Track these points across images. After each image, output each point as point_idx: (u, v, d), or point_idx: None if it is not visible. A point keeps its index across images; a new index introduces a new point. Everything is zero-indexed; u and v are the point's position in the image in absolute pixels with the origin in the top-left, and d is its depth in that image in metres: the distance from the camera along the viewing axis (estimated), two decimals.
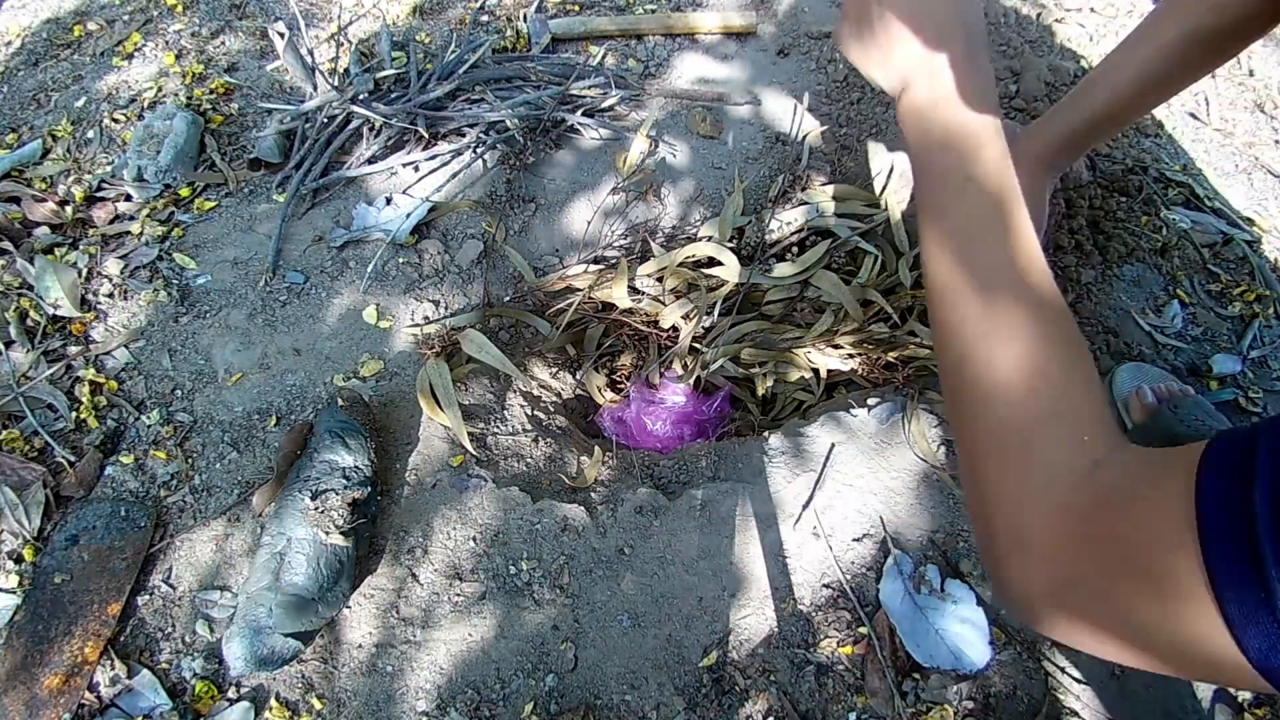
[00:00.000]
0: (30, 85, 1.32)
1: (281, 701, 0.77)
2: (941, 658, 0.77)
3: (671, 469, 0.93)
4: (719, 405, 1.15)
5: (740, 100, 1.21)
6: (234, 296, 1.02)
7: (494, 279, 1.06)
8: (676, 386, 1.14)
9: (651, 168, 1.15)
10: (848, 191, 1.12)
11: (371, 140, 1.14)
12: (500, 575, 0.82)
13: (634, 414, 1.14)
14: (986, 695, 0.76)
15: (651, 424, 1.13)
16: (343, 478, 0.80)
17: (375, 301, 1.01)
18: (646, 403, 1.14)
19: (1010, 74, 1.19)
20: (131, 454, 0.90)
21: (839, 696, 0.77)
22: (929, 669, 0.77)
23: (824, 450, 0.90)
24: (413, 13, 1.38)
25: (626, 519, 0.85)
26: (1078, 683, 0.77)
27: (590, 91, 1.21)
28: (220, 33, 1.37)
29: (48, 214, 1.10)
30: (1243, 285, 1.04)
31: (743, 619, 0.80)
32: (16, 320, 1.00)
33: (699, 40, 1.32)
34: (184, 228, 1.09)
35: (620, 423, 1.14)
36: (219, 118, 1.23)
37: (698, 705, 0.76)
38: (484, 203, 1.11)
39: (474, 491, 0.86)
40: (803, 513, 0.85)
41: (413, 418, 0.92)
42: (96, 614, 0.80)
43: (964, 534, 0.85)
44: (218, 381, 0.95)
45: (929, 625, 0.79)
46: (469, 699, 0.77)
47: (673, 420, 1.13)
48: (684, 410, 1.13)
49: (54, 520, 0.86)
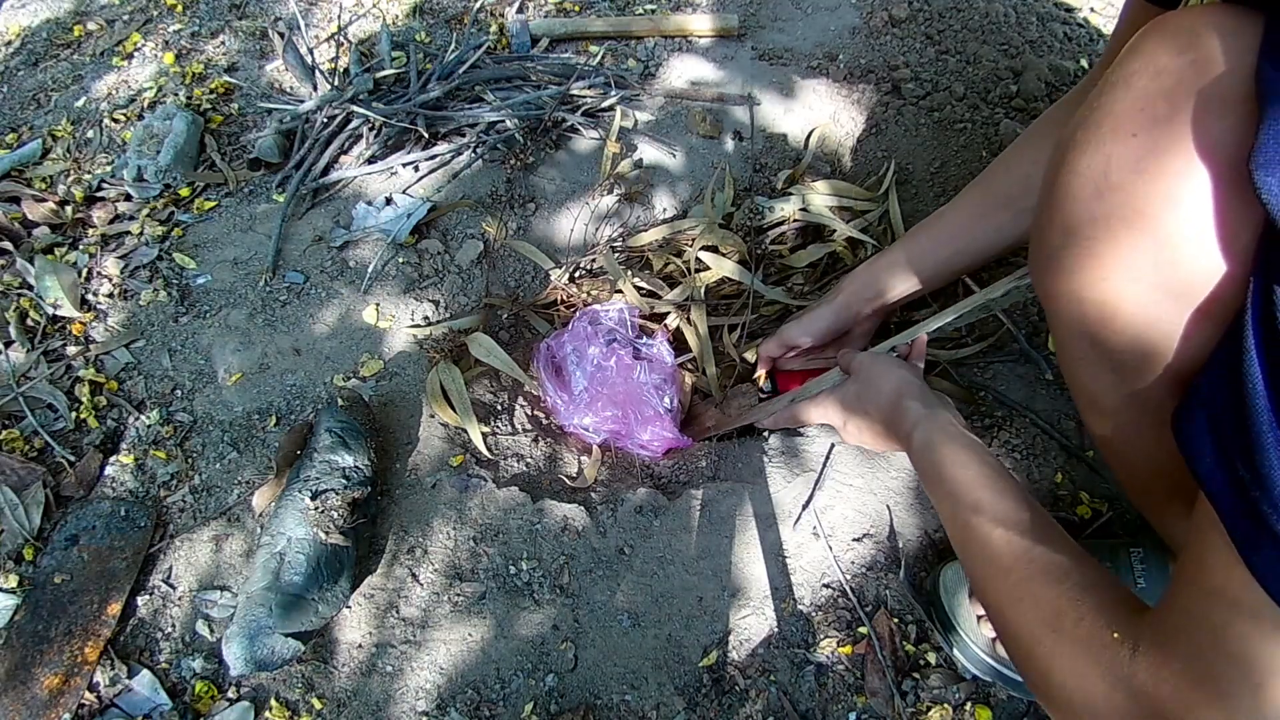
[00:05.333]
0: (30, 85, 1.32)
1: (281, 701, 0.77)
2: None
3: (671, 469, 0.93)
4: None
5: (739, 100, 1.21)
6: (234, 296, 1.02)
7: (494, 279, 1.06)
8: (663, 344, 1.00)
9: (631, 168, 1.15)
10: (845, 188, 1.12)
11: (371, 140, 1.14)
12: (500, 575, 0.82)
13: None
14: (986, 696, 0.76)
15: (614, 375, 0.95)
16: (343, 478, 0.80)
17: (375, 301, 1.01)
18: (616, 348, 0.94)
19: (1011, 74, 1.19)
20: (131, 454, 0.90)
21: (839, 696, 0.77)
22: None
23: (824, 450, 0.90)
24: (412, 13, 1.39)
25: (626, 519, 0.85)
26: None
27: (590, 92, 1.21)
28: (220, 33, 1.37)
29: (48, 214, 1.11)
30: None
31: (743, 619, 0.81)
32: (16, 320, 1.00)
33: (698, 42, 1.32)
34: (184, 228, 1.09)
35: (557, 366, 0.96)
36: (219, 118, 1.23)
37: (698, 705, 0.76)
38: (484, 203, 1.11)
39: (474, 491, 0.86)
40: (802, 513, 0.85)
41: (413, 418, 0.92)
42: (96, 614, 0.80)
43: None
44: (218, 381, 0.95)
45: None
46: (469, 699, 0.77)
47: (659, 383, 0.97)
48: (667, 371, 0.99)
49: (54, 520, 0.86)
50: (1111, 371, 0.51)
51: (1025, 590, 0.51)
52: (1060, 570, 0.51)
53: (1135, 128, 0.43)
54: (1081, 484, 0.88)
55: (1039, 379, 0.95)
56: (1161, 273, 0.44)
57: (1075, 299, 0.49)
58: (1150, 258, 0.44)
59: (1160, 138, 0.42)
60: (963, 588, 0.77)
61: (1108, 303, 0.47)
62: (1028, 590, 0.51)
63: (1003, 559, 0.54)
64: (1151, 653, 0.43)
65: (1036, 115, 1.13)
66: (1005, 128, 1.10)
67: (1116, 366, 0.51)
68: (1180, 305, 0.44)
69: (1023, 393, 0.94)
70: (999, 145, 1.10)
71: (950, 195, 1.11)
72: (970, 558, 0.58)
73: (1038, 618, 0.50)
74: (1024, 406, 0.92)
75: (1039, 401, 0.93)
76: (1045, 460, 0.89)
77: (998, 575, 0.54)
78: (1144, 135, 0.42)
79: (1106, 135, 0.45)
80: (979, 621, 0.75)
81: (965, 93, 1.17)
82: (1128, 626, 0.45)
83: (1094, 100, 0.47)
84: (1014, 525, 0.54)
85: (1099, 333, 0.49)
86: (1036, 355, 0.96)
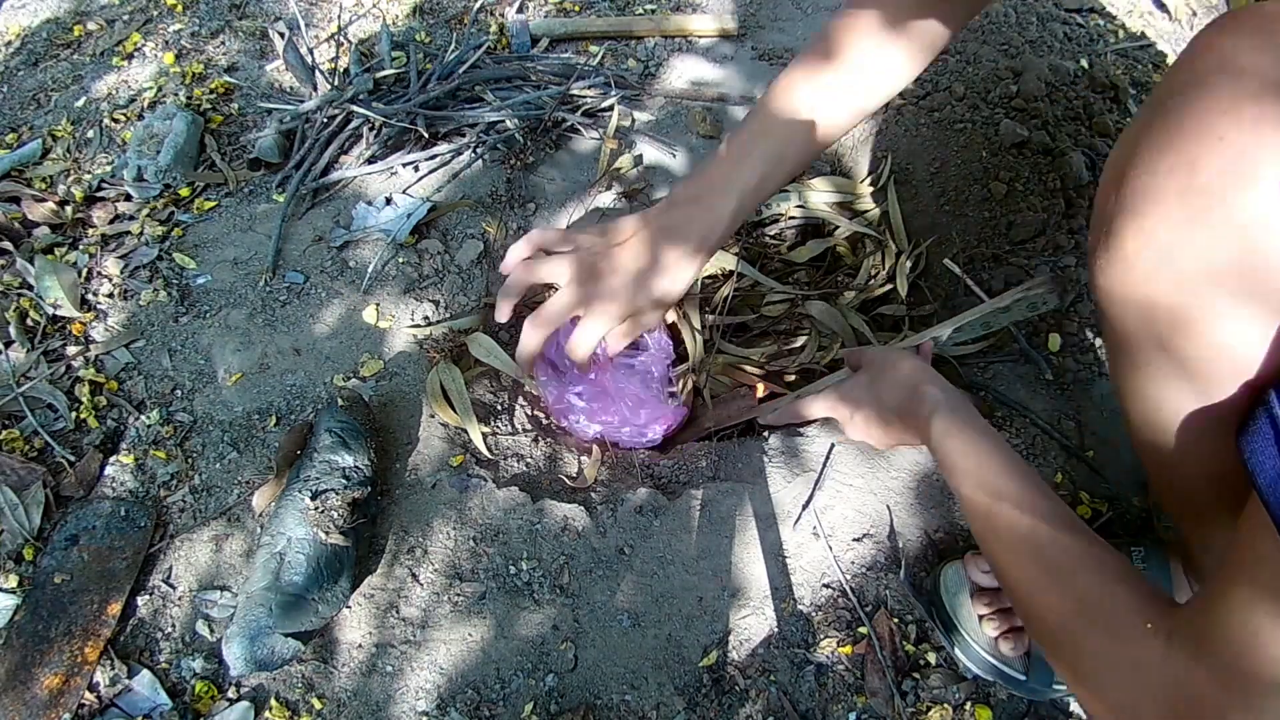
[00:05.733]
0: (30, 85, 1.32)
1: (281, 701, 0.77)
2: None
3: (671, 469, 0.93)
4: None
5: (739, 101, 1.21)
6: (234, 296, 1.02)
7: (494, 279, 1.06)
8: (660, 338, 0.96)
9: (631, 167, 1.15)
10: (844, 184, 1.12)
11: (371, 140, 1.14)
12: (500, 575, 0.82)
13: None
14: (986, 695, 0.76)
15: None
16: (343, 478, 0.80)
17: (375, 301, 1.01)
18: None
19: (1011, 74, 1.19)
20: (131, 454, 0.90)
21: (839, 696, 0.77)
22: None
23: (824, 450, 0.90)
24: (413, 13, 1.39)
25: (626, 519, 0.85)
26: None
27: (590, 92, 1.21)
28: (220, 33, 1.37)
29: (48, 214, 1.10)
30: None
31: (743, 619, 0.81)
32: (16, 320, 1.00)
33: (697, 42, 1.32)
34: (184, 228, 1.09)
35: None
36: (219, 118, 1.23)
37: (698, 705, 0.76)
38: (484, 203, 1.11)
39: (474, 491, 0.86)
40: (802, 513, 0.85)
41: (413, 418, 0.92)
42: (96, 614, 0.80)
43: (963, 534, 0.85)
44: (218, 381, 0.95)
45: None
46: (469, 699, 0.77)
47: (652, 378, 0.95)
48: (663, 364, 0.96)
49: (54, 520, 0.86)
50: (1182, 379, 0.51)
51: (1056, 578, 0.52)
52: (1092, 560, 0.51)
53: (1222, 131, 0.42)
54: (1082, 484, 0.88)
55: (1039, 379, 0.95)
56: (1247, 280, 0.43)
57: (1148, 304, 0.48)
58: (1238, 264, 0.43)
59: (1251, 143, 0.41)
60: (964, 588, 0.77)
61: (1189, 308, 0.46)
62: (1058, 578, 0.52)
63: (1032, 545, 0.54)
64: (1186, 647, 0.43)
65: (1036, 115, 1.13)
66: (1005, 128, 1.10)
67: (1191, 374, 0.50)
68: (1265, 311, 0.44)
69: (1023, 393, 0.94)
70: (999, 145, 1.11)
71: (950, 195, 1.11)
72: (996, 543, 0.58)
73: (1069, 605, 0.50)
74: (1024, 407, 0.92)
75: (1039, 401, 0.93)
76: (1045, 460, 0.89)
77: (1026, 561, 0.54)
78: (1233, 139, 0.42)
79: (1190, 137, 0.44)
80: (981, 622, 0.75)
81: (965, 93, 1.17)
82: (1161, 619, 0.46)
83: (1165, 100, 0.46)
84: (1042, 513, 0.55)
85: (1174, 339, 0.48)
86: (1036, 355, 0.96)
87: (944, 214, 1.10)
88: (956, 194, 1.11)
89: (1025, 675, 0.73)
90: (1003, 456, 0.60)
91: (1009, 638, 0.74)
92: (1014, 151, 1.10)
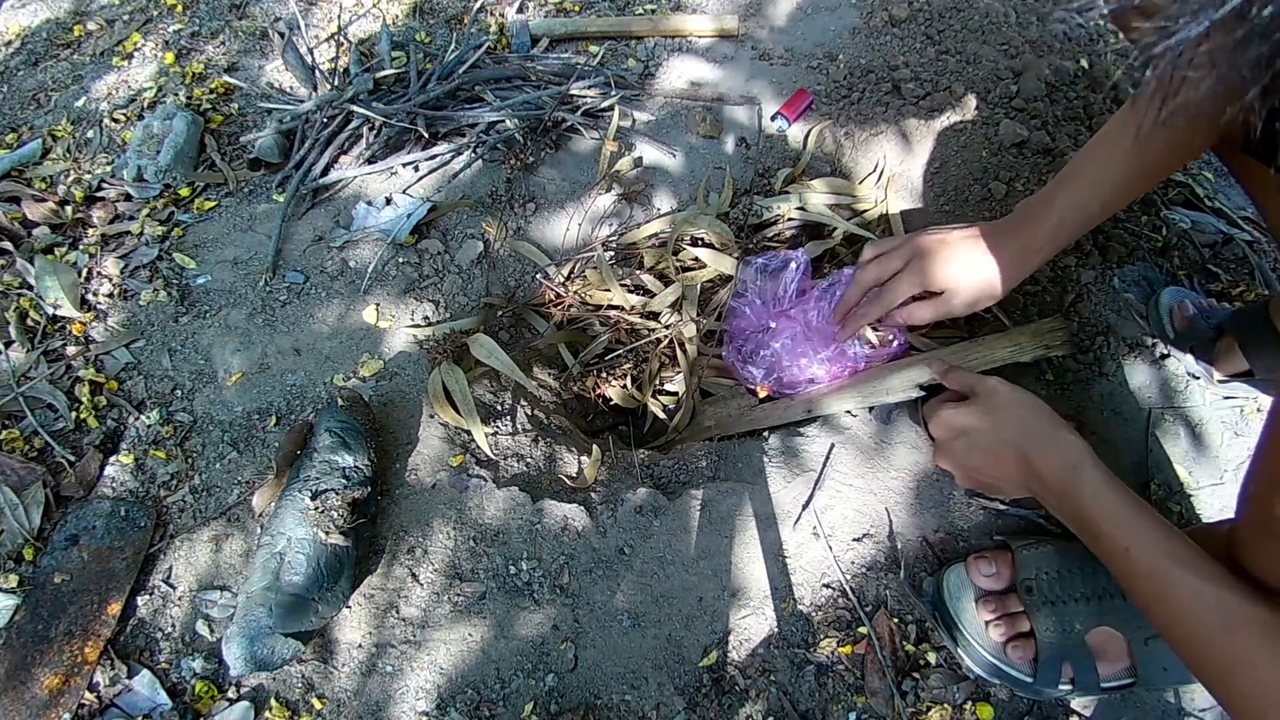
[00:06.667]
0: (30, 85, 1.32)
1: (281, 701, 0.77)
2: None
3: (671, 469, 0.93)
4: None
5: (739, 101, 1.21)
6: (234, 296, 1.02)
7: (494, 279, 1.06)
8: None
9: (631, 167, 1.15)
10: (843, 185, 1.12)
11: (371, 140, 1.14)
12: (500, 575, 0.82)
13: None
14: (987, 694, 0.76)
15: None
16: (343, 478, 0.80)
17: (375, 301, 1.01)
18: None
19: (1011, 74, 1.19)
20: (131, 454, 0.90)
21: (839, 696, 0.77)
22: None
23: (824, 450, 0.90)
24: (412, 13, 1.39)
25: (626, 519, 0.85)
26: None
27: (590, 92, 1.21)
28: (220, 33, 1.37)
29: (48, 214, 1.11)
30: (1242, 285, 1.03)
31: (743, 619, 0.81)
32: (16, 320, 1.00)
33: (697, 42, 1.32)
34: (184, 228, 1.09)
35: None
36: (219, 118, 1.23)
37: (698, 705, 0.76)
38: (484, 203, 1.11)
39: (474, 491, 0.86)
40: (802, 513, 0.85)
41: (413, 418, 0.92)
42: (96, 614, 0.80)
43: (963, 534, 0.85)
44: (218, 381, 0.95)
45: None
46: (469, 699, 0.77)
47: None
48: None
49: (54, 520, 0.86)
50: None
51: (1258, 654, 0.52)
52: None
53: None
54: None
55: (1039, 379, 0.95)
56: None
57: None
58: None
59: None
60: (967, 593, 0.77)
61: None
62: (1260, 653, 0.52)
63: (1220, 620, 0.54)
64: None
65: (1036, 115, 1.13)
66: (1005, 128, 1.10)
67: None
68: None
69: None
70: (999, 145, 1.10)
71: (950, 194, 1.11)
72: (1171, 609, 0.57)
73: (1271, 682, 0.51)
74: None
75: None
76: None
77: (1220, 638, 0.54)
78: None
79: None
80: (987, 628, 0.75)
81: (965, 93, 1.17)
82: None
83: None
84: (1220, 579, 0.55)
85: None
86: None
87: (943, 214, 1.10)
88: (956, 194, 1.10)
89: (1032, 678, 0.73)
90: (1156, 515, 0.60)
91: (1015, 644, 0.73)
92: (1014, 151, 1.10)
